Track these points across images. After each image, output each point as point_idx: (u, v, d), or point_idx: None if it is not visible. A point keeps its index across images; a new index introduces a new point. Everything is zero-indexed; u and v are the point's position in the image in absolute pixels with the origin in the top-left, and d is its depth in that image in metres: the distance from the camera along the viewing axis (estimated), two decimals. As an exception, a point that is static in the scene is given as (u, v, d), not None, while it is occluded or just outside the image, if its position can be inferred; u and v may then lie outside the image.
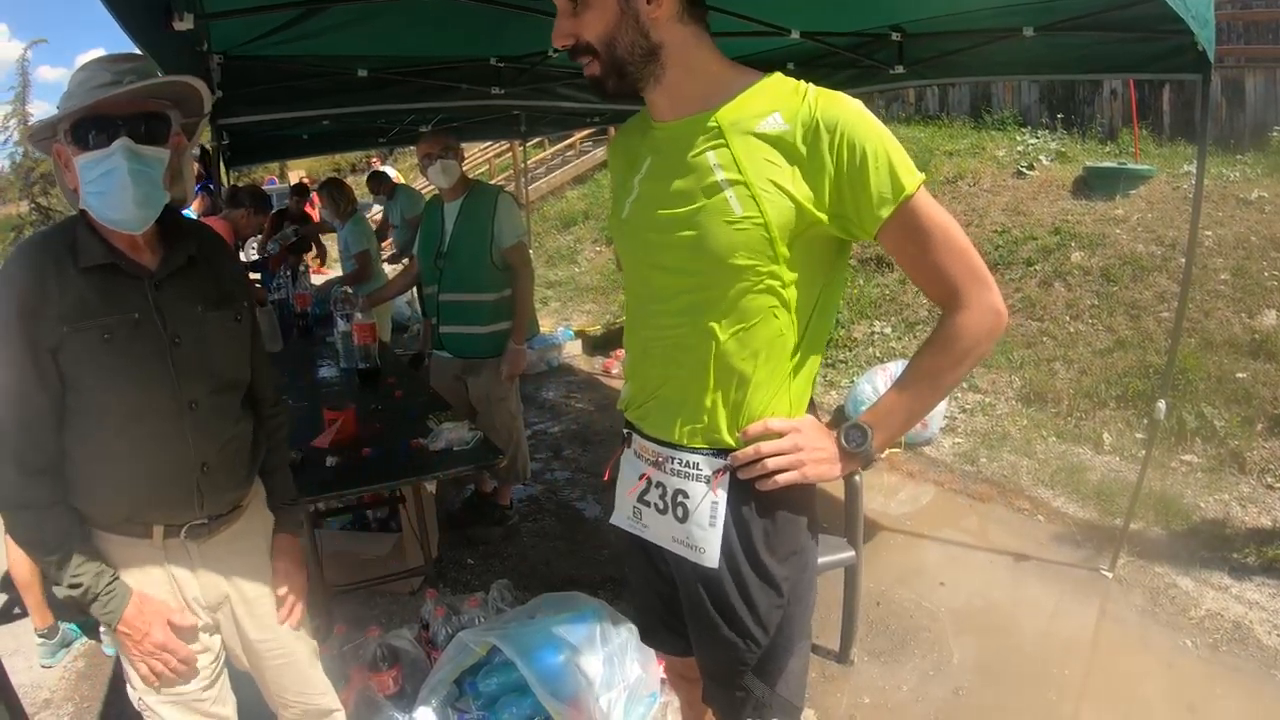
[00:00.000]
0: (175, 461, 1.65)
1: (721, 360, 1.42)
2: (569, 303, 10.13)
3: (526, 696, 2.57)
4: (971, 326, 1.37)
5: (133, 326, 1.57)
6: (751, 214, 1.33)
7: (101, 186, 1.50)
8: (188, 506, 1.69)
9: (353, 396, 3.66)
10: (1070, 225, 6.81)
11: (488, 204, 3.80)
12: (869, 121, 1.31)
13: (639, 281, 1.55)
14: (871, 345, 6.66)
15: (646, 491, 1.56)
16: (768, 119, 1.34)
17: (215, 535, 1.76)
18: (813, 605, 1.63)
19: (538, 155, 14.71)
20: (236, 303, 1.79)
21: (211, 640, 1.83)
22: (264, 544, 1.92)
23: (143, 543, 1.68)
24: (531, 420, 6.02)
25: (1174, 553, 3.80)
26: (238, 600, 1.82)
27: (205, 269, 1.72)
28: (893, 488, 4.77)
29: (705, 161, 1.37)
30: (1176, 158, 7.60)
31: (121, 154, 1.49)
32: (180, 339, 1.63)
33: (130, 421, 1.60)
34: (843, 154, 1.30)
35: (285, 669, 1.94)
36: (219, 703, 1.84)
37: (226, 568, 1.80)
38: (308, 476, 2.83)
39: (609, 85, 1.40)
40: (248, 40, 3.55)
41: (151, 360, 1.59)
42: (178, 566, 1.72)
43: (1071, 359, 5.68)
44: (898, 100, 11.08)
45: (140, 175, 1.51)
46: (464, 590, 3.48)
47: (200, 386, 1.66)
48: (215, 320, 1.71)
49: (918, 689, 2.99)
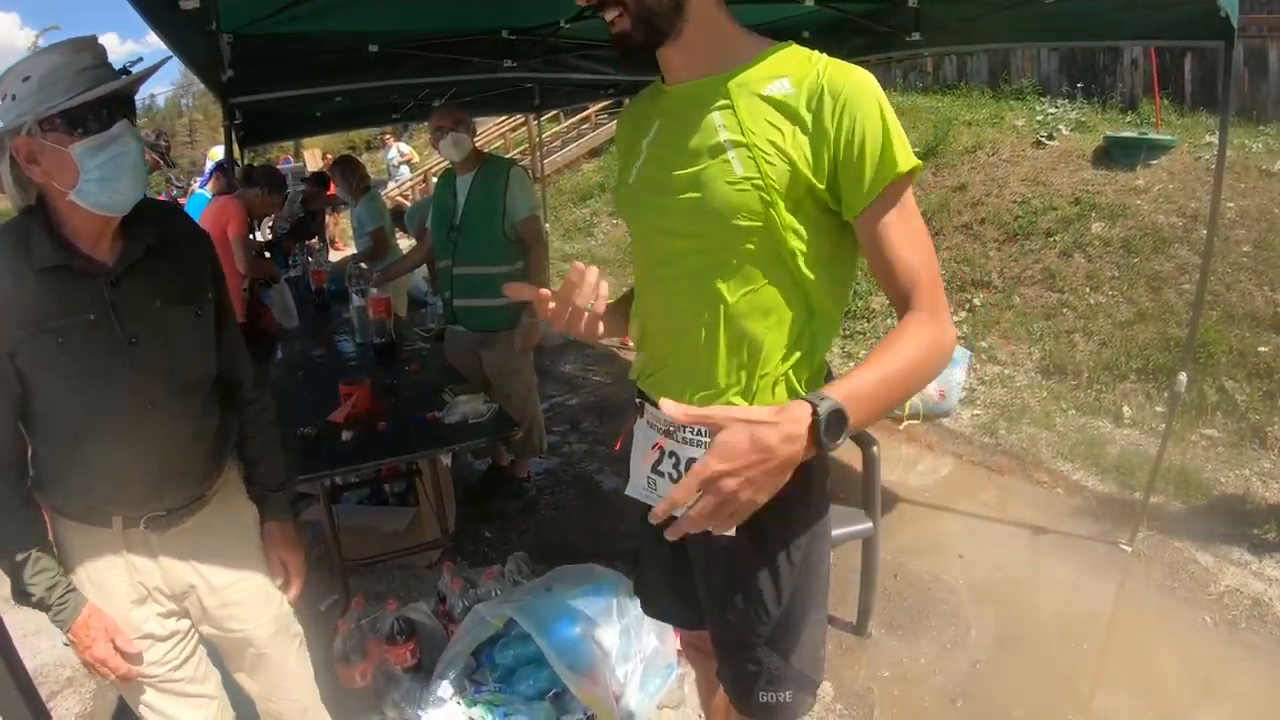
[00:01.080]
0: (135, 460, 1.63)
1: (731, 324, 1.41)
2: (586, 276, 10.06)
3: (543, 669, 2.59)
4: (939, 338, 1.28)
5: (88, 328, 1.54)
6: (751, 175, 1.31)
7: (108, 171, 1.47)
8: (147, 500, 1.68)
9: (368, 371, 3.68)
10: (1090, 196, 6.72)
11: (500, 177, 3.78)
12: (875, 96, 1.28)
13: (646, 246, 1.53)
14: (890, 317, 6.61)
15: (660, 461, 1.54)
16: (776, 83, 1.33)
17: (178, 525, 1.75)
18: (827, 576, 1.61)
19: (553, 129, 14.62)
20: (199, 295, 1.74)
21: (179, 624, 1.82)
22: (234, 532, 1.89)
23: (103, 531, 1.67)
24: (549, 393, 6.03)
25: (1194, 528, 3.78)
26: (205, 590, 1.81)
27: (166, 259, 1.67)
28: (911, 459, 4.75)
29: (711, 122, 1.36)
30: (1198, 128, 7.47)
31: (129, 134, 1.48)
32: (138, 338, 1.59)
33: (88, 422, 1.58)
34: (843, 123, 1.27)
35: (261, 661, 1.93)
36: (195, 682, 1.85)
37: (191, 556, 1.78)
38: (324, 451, 2.85)
39: (638, 37, 1.36)
40: (257, 18, 3.52)
41: (108, 361, 1.56)
42: (138, 556, 1.72)
43: (1092, 331, 5.62)
44: (916, 69, 10.93)
45: (141, 154, 1.51)
46: (481, 563, 3.49)
47: (160, 385, 1.63)
48: (175, 316, 1.67)
49: (935, 661, 2.99)
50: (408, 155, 16.28)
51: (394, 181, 15.61)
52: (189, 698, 1.83)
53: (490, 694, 2.62)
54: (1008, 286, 6.36)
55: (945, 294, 1.33)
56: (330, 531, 3.12)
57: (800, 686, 1.60)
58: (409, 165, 16.11)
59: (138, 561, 1.72)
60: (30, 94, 1.43)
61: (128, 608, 1.72)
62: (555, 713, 2.53)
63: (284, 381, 3.87)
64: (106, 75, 1.48)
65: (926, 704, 2.79)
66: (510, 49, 4.56)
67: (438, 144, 3.82)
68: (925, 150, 8.26)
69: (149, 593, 1.74)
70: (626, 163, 1.56)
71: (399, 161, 16.04)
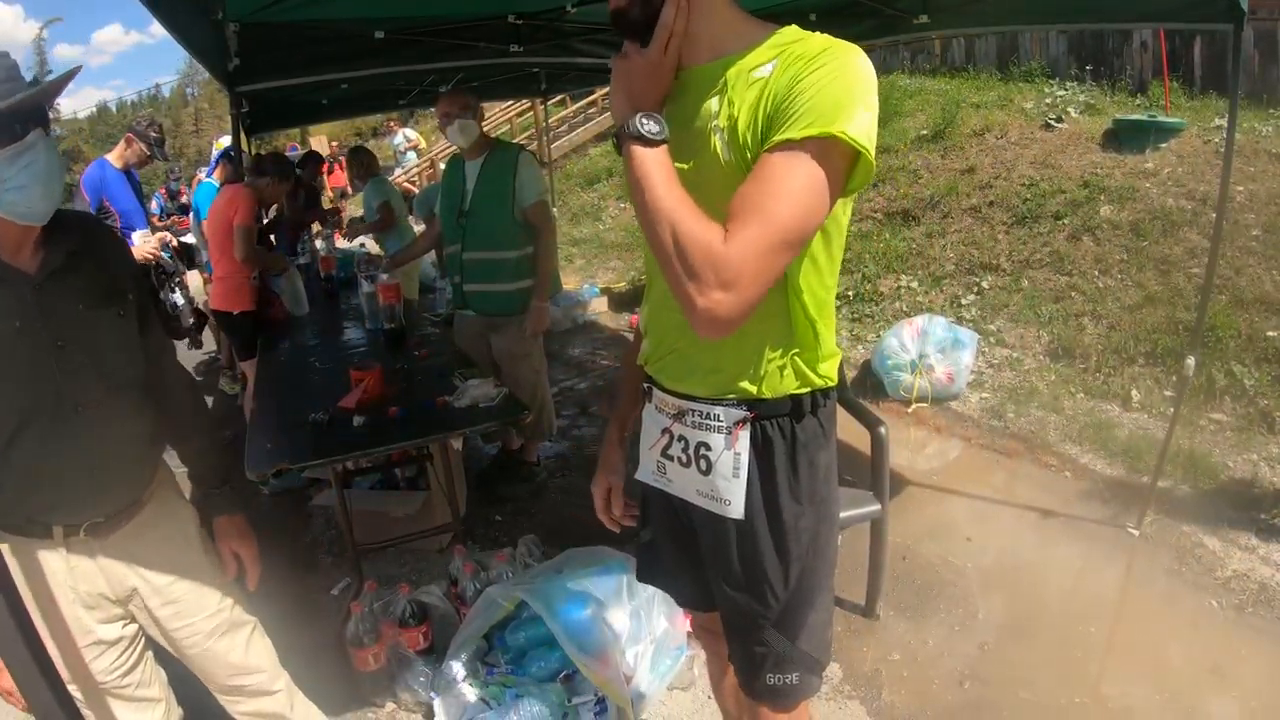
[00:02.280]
0: (67, 464, 1.64)
1: None
2: (594, 260, 10.12)
3: (554, 650, 2.61)
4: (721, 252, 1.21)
5: (14, 334, 1.55)
6: (734, 160, 1.31)
7: (23, 180, 1.48)
8: (84, 506, 1.69)
9: (378, 357, 3.69)
10: (1099, 179, 6.70)
11: (509, 162, 3.79)
12: (849, 64, 1.23)
13: None
14: (898, 299, 6.61)
15: (669, 445, 1.56)
16: (765, 65, 1.31)
17: (118, 530, 1.76)
18: (834, 558, 1.62)
19: (559, 113, 14.59)
20: (121, 297, 1.75)
21: (126, 629, 1.84)
22: (173, 533, 1.90)
23: (44, 543, 1.69)
24: (558, 377, 6.05)
25: (1201, 512, 3.78)
26: (148, 592, 1.83)
27: (88, 264, 1.68)
28: (920, 442, 4.76)
29: (709, 109, 1.36)
30: (1207, 111, 7.43)
31: (42, 143, 1.49)
32: (64, 342, 1.60)
33: (19, 427, 1.58)
34: (800, 77, 1.23)
35: (207, 655, 1.95)
36: (143, 686, 1.88)
37: (132, 560, 1.79)
38: (336, 436, 2.87)
39: (634, 12, 1.36)
40: (262, 6, 3.53)
41: (35, 366, 1.58)
42: (80, 563, 1.73)
43: (1100, 314, 5.61)
44: (923, 52, 10.87)
45: (55, 163, 1.52)
46: (491, 547, 3.51)
47: (88, 388, 1.64)
48: (99, 319, 1.68)
49: (943, 644, 3.01)
50: (414, 141, 16.27)
51: (400, 168, 15.60)
52: (137, 701, 1.86)
53: (502, 675, 2.64)
54: (1016, 270, 6.35)
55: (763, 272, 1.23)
56: (343, 516, 3.15)
57: (807, 668, 1.61)
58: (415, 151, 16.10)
59: (80, 569, 1.73)
60: None
61: (75, 616, 1.73)
62: (567, 694, 2.55)
63: (295, 368, 3.90)
64: (17, 89, 1.48)
65: (934, 685, 2.81)
66: (517, 34, 4.56)
67: (445, 130, 3.82)
68: (933, 133, 8.23)
69: (94, 600, 1.76)
70: None
71: (405, 147, 16.03)
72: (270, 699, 2.05)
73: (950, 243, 6.93)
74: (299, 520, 4.19)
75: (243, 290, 4.56)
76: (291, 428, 2.95)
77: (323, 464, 2.86)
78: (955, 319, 5.79)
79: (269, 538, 2.07)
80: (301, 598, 3.40)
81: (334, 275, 5.46)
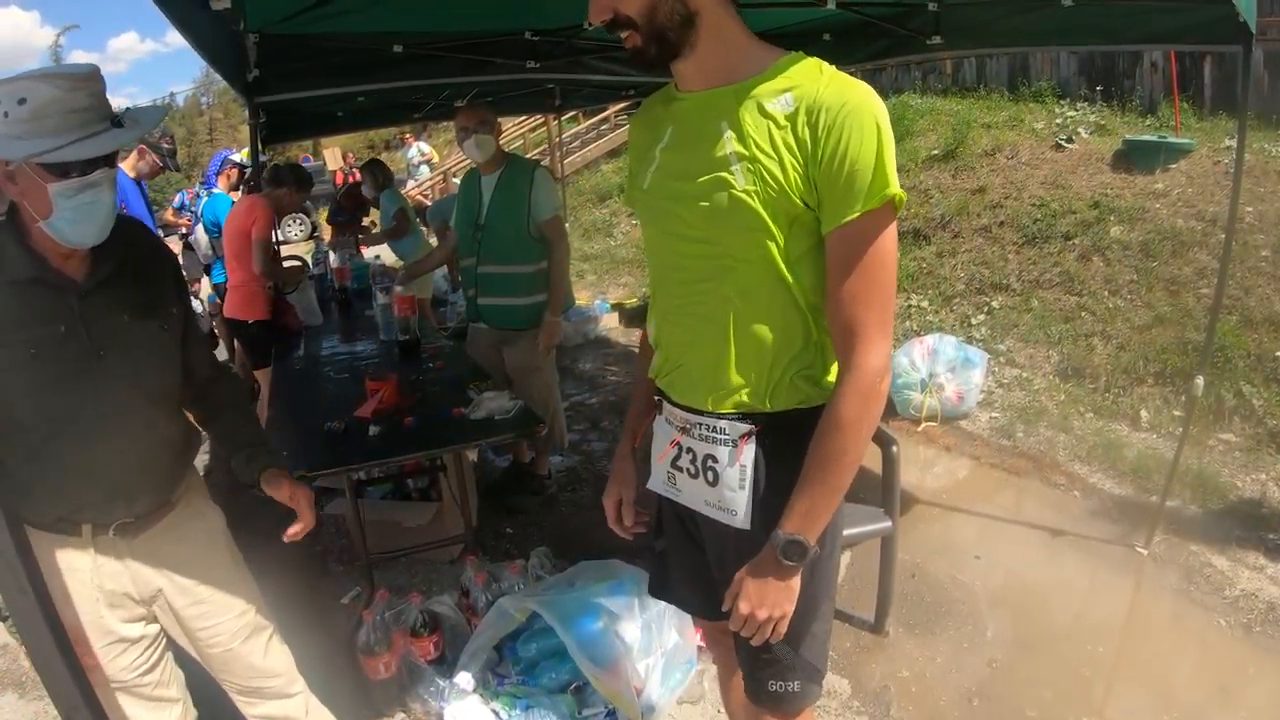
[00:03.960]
0: (99, 468, 1.67)
1: (740, 326, 1.46)
2: (605, 275, 10.16)
3: (565, 662, 2.63)
4: (849, 397, 1.37)
5: (58, 340, 1.58)
6: (752, 187, 1.36)
7: (80, 215, 1.51)
8: (114, 508, 1.72)
9: (393, 367, 3.73)
10: (1109, 199, 6.71)
11: (524, 177, 3.83)
12: (873, 118, 1.31)
13: (660, 250, 1.59)
14: (909, 319, 6.63)
15: (678, 457, 1.61)
16: (780, 98, 1.36)
17: (146, 531, 1.79)
18: (837, 569, 1.66)
19: (572, 129, 14.66)
20: (165, 310, 1.78)
21: (147, 629, 1.86)
22: (201, 535, 1.93)
23: (72, 540, 1.72)
24: (569, 391, 6.07)
25: (1209, 531, 3.78)
26: (173, 592, 1.85)
27: (134, 275, 1.72)
28: (929, 461, 4.77)
29: (720, 133, 1.40)
30: (1217, 131, 7.44)
31: (107, 184, 1.52)
32: (105, 350, 1.64)
33: (54, 430, 1.61)
34: (830, 141, 1.31)
35: (228, 657, 1.96)
36: (161, 686, 1.90)
37: (159, 561, 1.82)
38: (351, 445, 2.90)
39: (650, 53, 1.41)
40: (283, 18, 3.58)
41: (76, 372, 1.61)
42: (107, 562, 1.75)
43: (1110, 334, 5.62)
44: (934, 71, 10.91)
45: (114, 201, 1.55)
46: (502, 559, 3.53)
47: (125, 396, 1.68)
48: (142, 330, 1.71)
49: (952, 661, 3.01)
50: (428, 155, 16.40)
51: (414, 180, 15.70)
52: (155, 701, 1.88)
53: (512, 686, 2.66)
54: (1026, 289, 6.36)
55: (890, 324, 1.39)
56: (356, 524, 3.17)
57: (808, 677, 1.64)
58: (429, 164, 16.21)
59: (107, 568, 1.76)
60: (21, 121, 1.46)
61: (99, 614, 1.76)
62: (576, 705, 2.57)
63: (309, 377, 3.94)
64: (98, 118, 1.51)
65: (943, 703, 2.82)
66: (533, 50, 4.60)
67: (462, 144, 3.86)
68: (945, 152, 8.25)
69: (118, 599, 1.78)
70: (640, 167, 1.60)
71: (419, 160, 16.16)
72: (287, 702, 2.08)
73: (961, 262, 6.95)
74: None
75: (257, 299, 4.61)
76: (306, 436, 2.98)
77: (338, 472, 2.88)
78: (965, 338, 5.80)
79: (280, 546, 2.09)
80: (311, 606, 3.41)
81: (349, 286, 5.51)
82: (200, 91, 48.50)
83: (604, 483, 1.92)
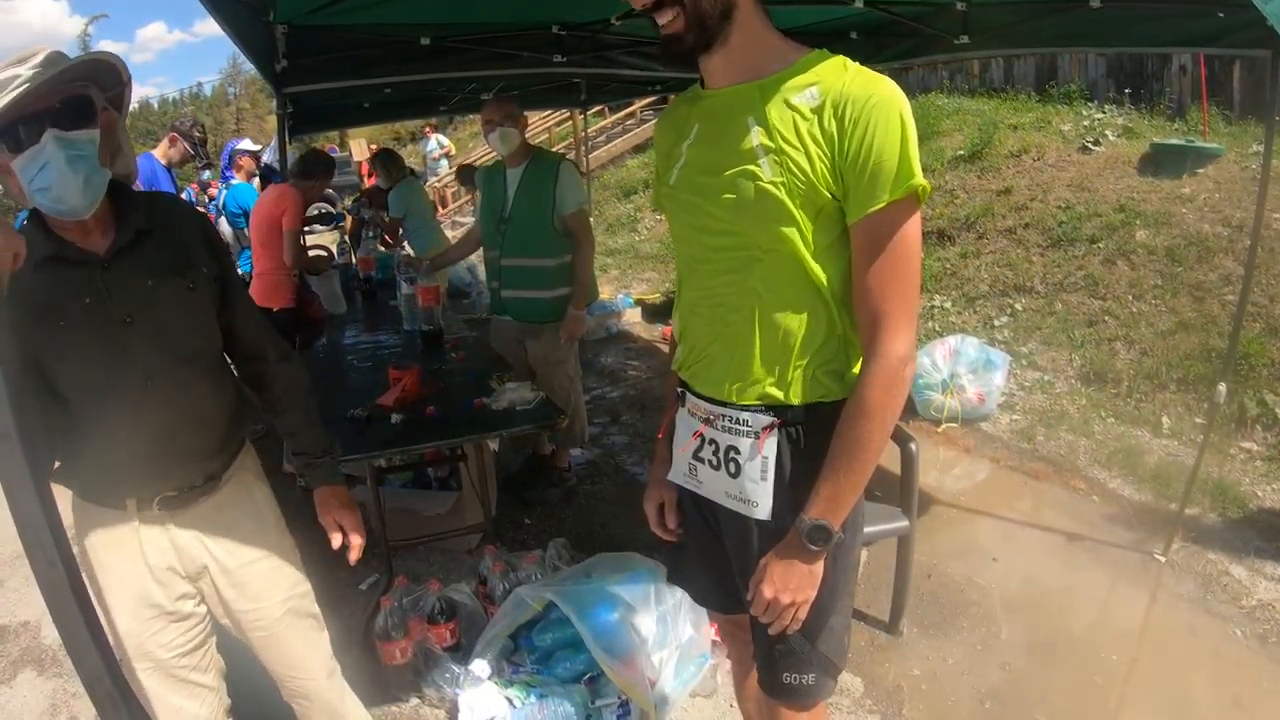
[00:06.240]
0: (141, 437, 1.68)
1: (765, 319, 1.48)
2: (629, 270, 10.18)
3: (580, 652, 2.65)
4: (874, 383, 1.41)
5: (83, 312, 1.60)
6: (779, 179, 1.38)
7: (43, 182, 1.51)
8: (156, 478, 1.73)
9: (416, 358, 3.76)
10: (1135, 203, 6.65)
11: (550, 171, 3.84)
12: (897, 111, 1.33)
13: (686, 244, 1.62)
14: (931, 319, 6.61)
15: (700, 449, 1.62)
16: (805, 92, 1.39)
17: (192, 506, 1.80)
18: (857, 563, 1.67)
19: (597, 124, 14.68)
20: (192, 269, 1.76)
21: (197, 608, 1.87)
22: (249, 516, 1.93)
23: (117, 513, 1.74)
24: (590, 386, 6.09)
25: (1228, 540, 3.75)
26: (217, 571, 1.86)
27: (156, 237, 1.71)
28: (948, 462, 4.76)
29: (747, 127, 1.42)
30: (1246, 137, 7.34)
31: (53, 144, 1.50)
32: (132, 317, 1.64)
33: (91, 401, 1.63)
34: (855, 134, 1.33)
35: (269, 641, 1.97)
36: (198, 670, 1.88)
37: (205, 538, 1.82)
38: (373, 433, 2.93)
39: (688, 40, 1.41)
40: (312, 9, 3.61)
41: (105, 342, 1.62)
42: (153, 536, 1.77)
43: (1133, 339, 5.58)
44: (961, 72, 10.84)
45: (77, 160, 1.52)
46: (520, 549, 3.54)
47: (157, 361, 1.68)
48: (167, 291, 1.71)
49: (965, 663, 3.02)
50: (446, 148, 16.39)
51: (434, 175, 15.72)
52: (190, 685, 1.87)
53: (527, 675, 2.69)
54: (1050, 293, 6.32)
55: (915, 314, 1.43)
56: (377, 511, 3.20)
57: (823, 670, 1.64)
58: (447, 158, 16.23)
59: (153, 542, 1.77)
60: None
61: (144, 588, 1.77)
62: (590, 696, 2.59)
63: (333, 365, 3.97)
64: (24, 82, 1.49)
65: (955, 704, 2.82)
66: (560, 44, 4.62)
67: (488, 136, 3.88)
68: (970, 153, 8.20)
69: (164, 574, 1.80)
70: (667, 164, 1.62)
71: (438, 154, 16.16)
72: (324, 684, 2.10)
73: (985, 264, 6.91)
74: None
75: (282, 287, 4.65)
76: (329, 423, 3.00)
77: (361, 459, 2.91)
78: (988, 340, 5.77)
79: (300, 530, 2.12)
80: (329, 591, 3.44)
81: (373, 276, 5.55)
82: (227, 82, 48.88)
83: (623, 476, 1.94)
